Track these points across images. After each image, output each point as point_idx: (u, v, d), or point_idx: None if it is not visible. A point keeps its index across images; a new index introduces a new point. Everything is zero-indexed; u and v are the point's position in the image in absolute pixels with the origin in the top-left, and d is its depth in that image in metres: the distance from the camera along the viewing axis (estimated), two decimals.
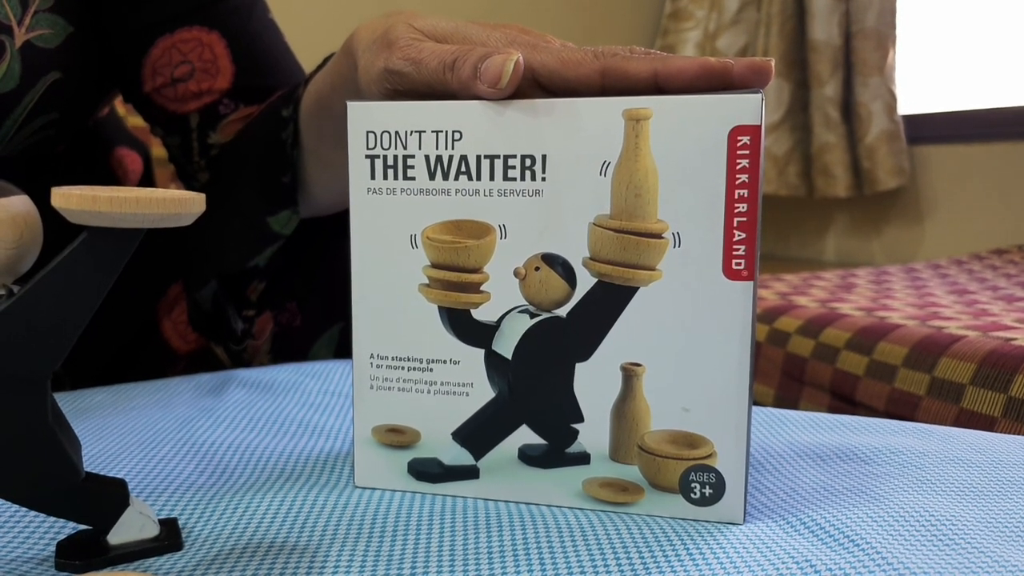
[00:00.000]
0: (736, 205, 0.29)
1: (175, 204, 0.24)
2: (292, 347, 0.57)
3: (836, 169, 2.02)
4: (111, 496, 0.28)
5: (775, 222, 2.32)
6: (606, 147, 0.30)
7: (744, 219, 0.29)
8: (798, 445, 0.39)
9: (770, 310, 1.02)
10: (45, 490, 0.26)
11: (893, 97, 1.94)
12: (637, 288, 0.30)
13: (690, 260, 0.30)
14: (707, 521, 0.31)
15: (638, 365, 0.31)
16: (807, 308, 0.99)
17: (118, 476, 0.34)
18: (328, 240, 0.58)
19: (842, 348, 0.88)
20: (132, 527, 0.28)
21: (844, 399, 0.87)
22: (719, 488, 0.30)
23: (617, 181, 0.30)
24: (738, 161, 0.29)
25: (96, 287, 0.24)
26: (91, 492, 0.27)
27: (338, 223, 0.58)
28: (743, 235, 0.29)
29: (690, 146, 0.29)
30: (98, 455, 0.37)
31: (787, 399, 0.94)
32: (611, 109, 0.29)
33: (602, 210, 0.30)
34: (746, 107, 0.28)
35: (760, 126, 0.28)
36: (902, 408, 0.80)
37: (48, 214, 0.26)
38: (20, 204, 0.24)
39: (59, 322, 0.24)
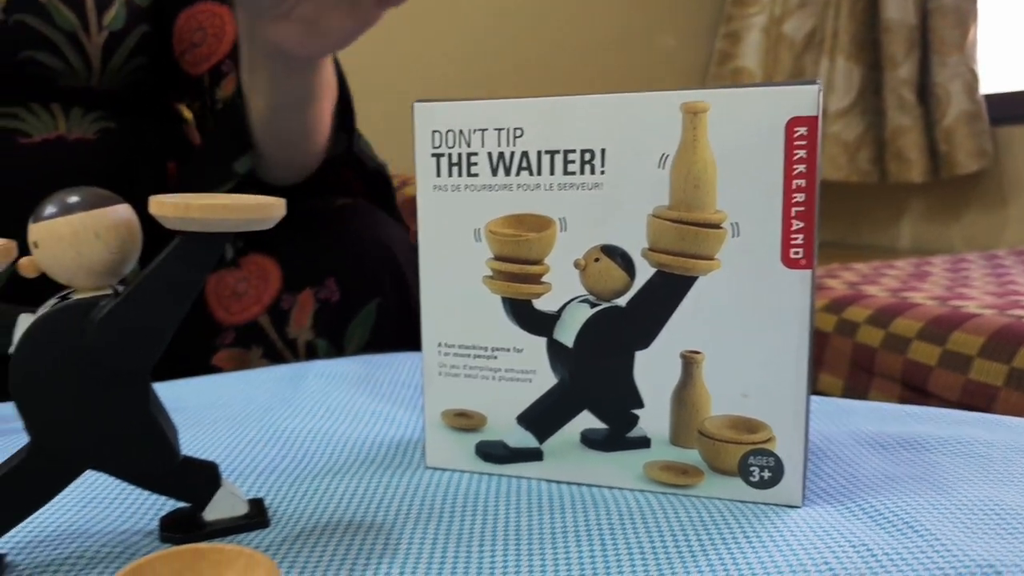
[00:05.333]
0: (794, 195, 0.29)
1: (259, 210, 0.26)
2: (332, 321, 0.60)
3: (911, 153, 1.96)
4: (205, 477, 0.30)
5: (846, 209, 2.26)
6: (664, 140, 0.30)
7: (802, 208, 0.29)
8: (861, 434, 0.39)
9: (838, 300, 1.00)
10: (148, 471, 0.29)
11: (974, 76, 1.87)
12: (696, 277, 0.31)
13: (748, 249, 0.30)
14: (766, 504, 0.31)
15: (697, 352, 0.31)
16: (877, 297, 0.97)
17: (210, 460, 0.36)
18: (364, 218, 0.61)
19: (914, 338, 0.86)
20: (224, 505, 0.30)
21: (916, 390, 0.85)
22: (778, 471, 0.31)
23: (676, 173, 0.31)
24: (795, 152, 0.29)
25: (191, 285, 0.26)
26: (188, 473, 0.29)
27: (372, 205, 0.62)
28: (801, 224, 0.29)
29: (747, 138, 0.30)
30: (190, 441, 0.40)
31: (856, 390, 0.92)
32: (669, 103, 0.30)
33: (661, 201, 0.31)
34: (803, 98, 0.29)
35: (817, 117, 0.29)
36: (978, 399, 0.78)
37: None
38: (124, 212, 0.27)
39: (159, 318, 0.26)
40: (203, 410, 0.45)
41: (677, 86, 2.31)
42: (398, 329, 0.61)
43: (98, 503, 0.32)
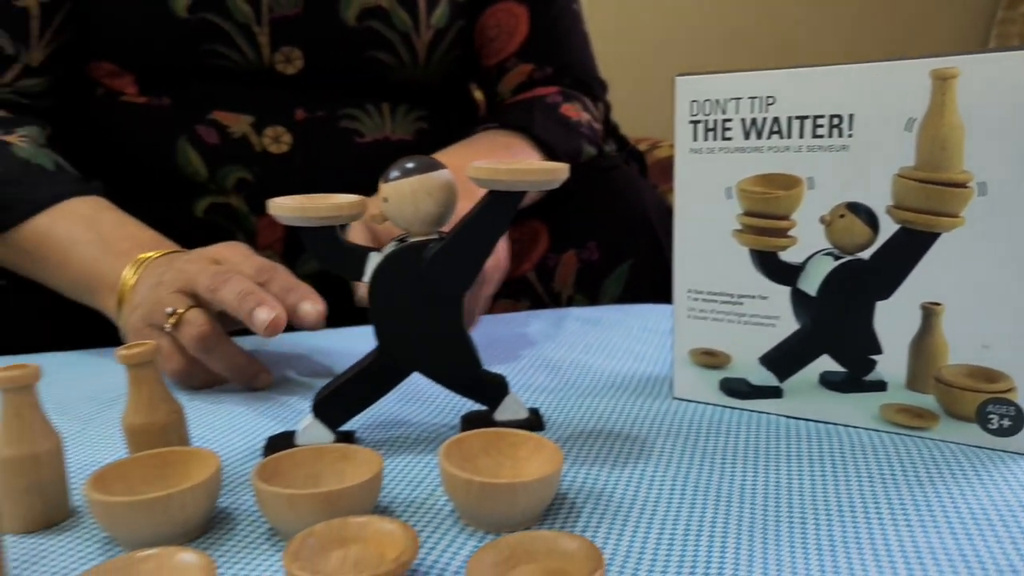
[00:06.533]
0: None
1: (549, 173, 0.32)
2: (591, 279, 0.66)
3: None
4: (497, 385, 0.37)
5: None
6: (911, 105, 0.33)
7: None
8: None
9: None
10: (458, 375, 0.37)
11: None
12: (939, 234, 0.33)
13: (994, 208, 0.31)
14: (1004, 451, 0.33)
15: (937, 304, 0.33)
16: None
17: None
18: (625, 185, 0.67)
19: None
20: (510, 409, 0.38)
21: None
22: (1018, 421, 0.32)
23: (923, 136, 0.33)
24: None
25: (496, 231, 0.34)
26: (484, 380, 0.37)
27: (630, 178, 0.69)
28: None
29: (998, 101, 0.31)
30: None
31: None
32: (918, 70, 0.32)
33: (906, 162, 0.33)
34: None
35: None
36: None
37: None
38: (447, 175, 0.34)
39: (472, 256, 0.34)
40: (485, 340, 0.53)
41: (958, 34, 2.08)
42: (648, 286, 0.66)
43: (416, 401, 0.42)
